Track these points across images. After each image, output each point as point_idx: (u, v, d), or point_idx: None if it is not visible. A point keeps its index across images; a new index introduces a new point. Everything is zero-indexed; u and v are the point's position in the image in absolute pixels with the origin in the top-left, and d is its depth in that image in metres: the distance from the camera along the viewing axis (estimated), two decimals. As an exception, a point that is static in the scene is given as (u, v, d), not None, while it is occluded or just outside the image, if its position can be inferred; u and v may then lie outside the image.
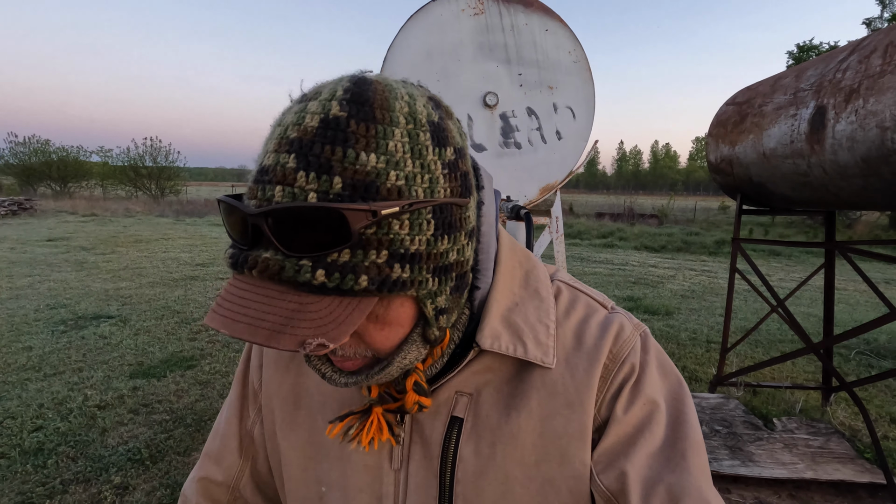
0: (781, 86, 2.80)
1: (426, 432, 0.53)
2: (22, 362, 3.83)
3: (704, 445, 0.50)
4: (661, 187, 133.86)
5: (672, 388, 0.52)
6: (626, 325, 0.53)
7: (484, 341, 0.50)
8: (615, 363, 0.51)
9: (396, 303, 0.43)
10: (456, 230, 0.43)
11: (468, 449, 0.51)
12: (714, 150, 3.37)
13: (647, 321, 5.58)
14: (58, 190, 26.65)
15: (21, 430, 2.85)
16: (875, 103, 2.03)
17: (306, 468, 0.59)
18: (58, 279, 6.70)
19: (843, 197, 2.46)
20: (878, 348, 4.86)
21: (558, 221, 2.23)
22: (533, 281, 0.55)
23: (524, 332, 0.51)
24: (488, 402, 0.52)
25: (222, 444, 0.66)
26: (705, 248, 12.74)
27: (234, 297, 0.39)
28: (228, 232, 0.42)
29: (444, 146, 0.42)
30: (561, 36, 2.20)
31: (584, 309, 0.55)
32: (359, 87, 0.40)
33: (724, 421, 3.01)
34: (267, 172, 0.38)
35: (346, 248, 0.37)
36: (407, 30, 2.14)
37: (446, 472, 0.51)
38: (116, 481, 2.42)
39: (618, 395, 0.50)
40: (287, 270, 0.37)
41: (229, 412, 0.67)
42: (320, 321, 0.38)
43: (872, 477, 2.48)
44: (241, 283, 0.40)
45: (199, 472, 0.67)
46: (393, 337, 0.45)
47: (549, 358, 0.50)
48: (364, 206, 0.36)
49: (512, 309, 0.52)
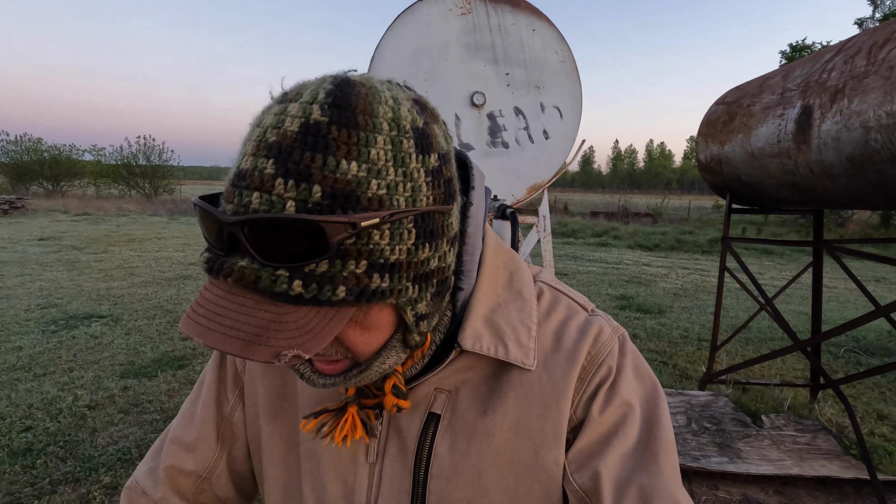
0: (769, 86, 2.82)
1: (403, 427, 0.54)
2: (12, 362, 3.81)
3: (675, 447, 0.51)
4: (655, 186, 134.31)
5: (647, 391, 0.53)
6: (605, 328, 0.54)
7: (465, 342, 0.50)
8: (593, 365, 0.52)
9: (376, 309, 0.42)
10: (437, 238, 0.43)
11: (443, 445, 0.52)
12: (704, 150, 3.39)
13: (639, 320, 5.62)
14: (50, 189, 26.44)
15: (10, 431, 2.84)
16: (859, 103, 2.05)
17: (285, 457, 0.59)
18: (49, 278, 6.66)
19: (830, 196, 2.48)
20: (866, 346, 4.92)
21: (546, 220, 2.24)
22: (516, 282, 0.55)
23: (506, 334, 0.51)
24: (466, 400, 0.53)
25: (197, 430, 0.63)
26: (698, 246, 12.81)
27: (208, 304, 0.39)
28: (205, 235, 0.41)
29: (427, 153, 0.41)
30: (548, 36, 2.21)
31: (565, 311, 0.55)
32: (342, 91, 0.39)
33: (713, 418, 3.04)
34: (244, 177, 0.37)
35: (324, 260, 0.37)
36: (394, 29, 2.14)
37: (420, 467, 0.52)
38: (106, 481, 2.41)
39: (594, 397, 0.51)
40: (263, 280, 0.36)
41: (206, 397, 0.64)
42: (297, 332, 0.38)
43: (857, 473, 2.51)
44: (217, 290, 0.39)
45: (167, 459, 0.62)
46: (373, 342, 0.45)
47: (529, 360, 0.51)
48: (343, 219, 0.36)
49: (494, 310, 0.52)
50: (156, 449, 0.66)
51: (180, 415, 0.66)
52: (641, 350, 4.53)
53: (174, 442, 0.64)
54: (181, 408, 0.67)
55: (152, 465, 0.64)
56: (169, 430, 0.66)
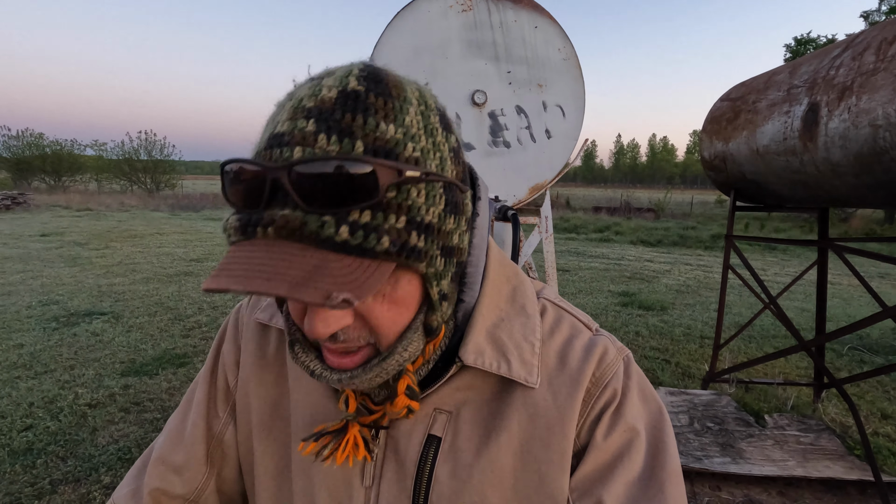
0: (775, 82, 2.78)
1: (401, 450, 0.52)
2: (13, 360, 3.81)
3: (682, 476, 0.49)
4: (658, 181, 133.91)
5: (652, 415, 0.51)
6: (609, 349, 0.52)
7: (467, 357, 0.49)
8: (597, 387, 0.50)
9: (405, 280, 0.42)
10: (460, 213, 0.44)
11: (444, 470, 0.50)
12: (708, 147, 3.35)
13: (641, 317, 5.59)
14: (52, 184, 26.49)
15: (10, 430, 2.84)
16: (868, 101, 2.01)
17: (277, 477, 0.57)
18: (51, 275, 6.66)
19: (836, 195, 2.45)
20: (870, 344, 4.88)
21: (548, 221, 2.21)
22: (520, 297, 0.54)
23: (509, 350, 0.50)
24: (468, 423, 0.51)
25: (186, 451, 0.60)
26: (701, 242, 12.76)
27: (241, 259, 0.36)
28: (232, 201, 0.40)
29: (450, 132, 0.45)
30: (550, 33, 2.17)
31: (569, 329, 0.54)
32: (372, 69, 0.41)
33: (715, 418, 3.02)
34: (282, 137, 0.37)
35: (368, 209, 0.37)
36: (394, 27, 2.10)
37: (420, 492, 0.50)
38: (106, 481, 2.41)
39: (598, 421, 0.49)
40: (310, 225, 0.36)
41: (195, 415, 0.61)
42: (343, 278, 0.36)
43: (861, 474, 2.49)
44: (249, 248, 0.37)
45: (152, 481, 0.59)
46: (399, 319, 0.43)
47: (532, 377, 0.49)
48: (390, 163, 0.37)
49: (497, 325, 0.51)
50: (138, 469, 0.62)
51: (166, 433, 0.62)
52: (643, 348, 4.52)
53: (160, 462, 0.60)
54: (167, 425, 0.64)
55: (134, 487, 0.60)
56: (153, 449, 0.62)
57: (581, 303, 6.14)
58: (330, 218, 0.36)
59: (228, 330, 0.64)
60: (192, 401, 0.63)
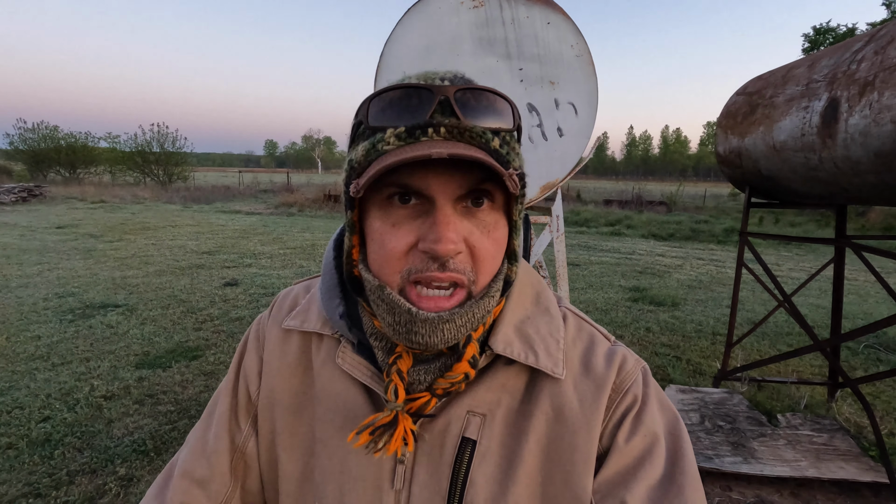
0: (794, 76, 2.71)
1: (433, 452, 0.52)
2: (31, 351, 3.89)
3: (701, 481, 0.50)
4: (670, 173, 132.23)
5: (670, 423, 0.53)
6: (628, 357, 0.55)
7: (497, 345, 0.52)
8: (618, 393, 0.53)
9: (501, 224, 0.49)
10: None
11: (480, 473, 0.51)
12: (723, 142, 3.29)
13: (652, 312, 5.55)
14: (67, 176, 26.84)
15: (29, 421, 2.90)
16: (890, 97, 1.96)
17: (301, 484, 0.57)
18: (66, 267, 6.78)
19: (855, 192, 2.39)
20: (887, 342, 4.80)
21: (559, 220, 2.18)
22: (544, 300, 0.58)
23: (535, 342, 0.53)
24: (500, 425, 0.52)
25: (209, 464, 0.60)
26: (714, 236, 12.59)
27: (417, 147, 0.43)
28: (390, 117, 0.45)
29: None
30: (563, 29, 2.13)
31: (589, 338, 0.57)
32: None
33: (727, 416, 3.00)
34: (434, 75, 0.48)
35: (506, 134, 0.47)
36: (404, 24, 2.08)
37: (455, 495, 0.50)
38: (121, 473, 2.46)
39: (620, 425, 0.51)
40: (475, 129, 0.44)
41: (218, 428, 0.61)
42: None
43: (876, 476, 2.46)
44: (417, 145, 0.44)
45: (177, 496, 0.59)
46: (497, 256, 0.49)
47: (559, 369, 0.52)
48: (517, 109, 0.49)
49: (524, 321, 0.55)
50: (160, 485, 0.61)
51: (188, 447, 0.63)
52: (654, 344, 4.48)
53: (184, 477, 0.60)
54: (188, 439, 0.64)
55: (158, 499, 0.60)
56: (175, 464, 0.62)
57: (591, 298, 6.10)
58: (486, 129, 0.45)
59: (250, 342, 0.65)
60: (214, 413, 0.63)
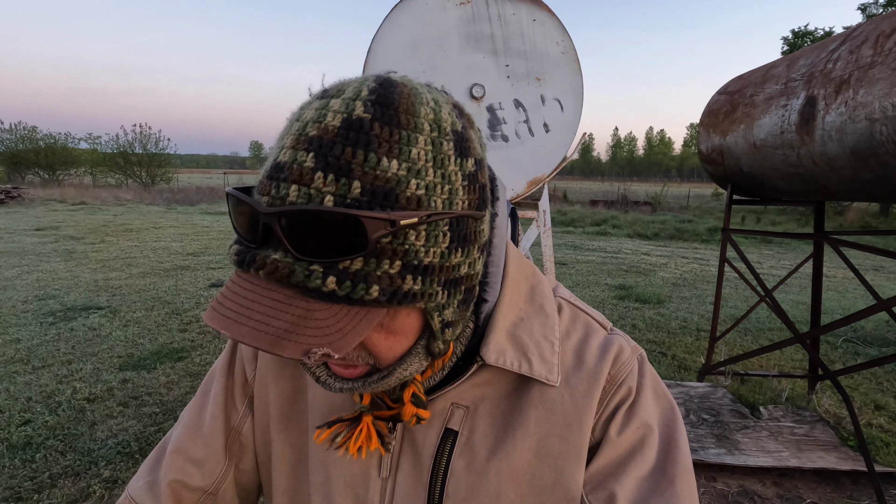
0: (773, 75, 2.78)
1: (418, 442, 0.52)
2: (10, 355, 3.80)
3: (693, 473, 0.50)
4: (655, 174, 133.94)
5: (665, 413, 0.53)
6: (624, 348, 0.54)
7: (489, 356, 0.49)
8: (613, 385, 0.51)
9: (403, 313, 0.42)
10: (469, 244, 0.43)
11: (460, 463, 0.51)
12: (705, 140, 3.35)
13: (638, 310, 5.62)
14: (46, 178, 26.28)
15: (9, 424, 2.84)
16: (865, 94, 2.02)
17: (295, 468, 0.58)
18: (46, 269, 6.63)
19: (833, 188, 2.46)
20: (864, 336, 4.93)
21: (546, 215, 2.21)
22: (538, 297, 0.54)
23: (529, 349, 0.51)
24: (485, 417, 0.52)
25: (205, 443, 0.59)
26: (698, 235, 12.81)
27: (237, 297, 0.38)
28: (235, 227, 0.40)
29: (465, 157, 0.41)
30: (549, 26, 2.16)
31: (584, 328, 0.55)
32: (384, 89, 0.39)
33: (711, 409, 3.05)
34: (282, 169, 0.37)
35: (359, 257, 0.36)
36: (391, 20, 2.09)
37: (436, 485, 0.51)
38: (105, 475, 2.42)
39: (612, 417, 0.50)
40: (297, 275, 0.36)
41: (214, 407, 0.60)
42: (327, 329, 0.37)
43: (855, 464, 2.53)
44: (246, 283, 0.39)
45: (171, 473, 0.58)
46: (397, 347, 0.44)
47: (553, 376, 0.50)
48: (382, 215, 0.35)
49: (517, 324, 0.52)
50: (152, 462, 0.61)
51: (183, 425, 0.61)
52: (640, 340, 4.54)
53: (178, 454, 0.59)
54: (182, 417, 0.63)
55: (150, 479, 0.59)
56: (168, 442, 0.61)
57: (578, 296, 6.15)
58: (318, 267, 0.36)
59: None
60: (209, 393, 0.62)
